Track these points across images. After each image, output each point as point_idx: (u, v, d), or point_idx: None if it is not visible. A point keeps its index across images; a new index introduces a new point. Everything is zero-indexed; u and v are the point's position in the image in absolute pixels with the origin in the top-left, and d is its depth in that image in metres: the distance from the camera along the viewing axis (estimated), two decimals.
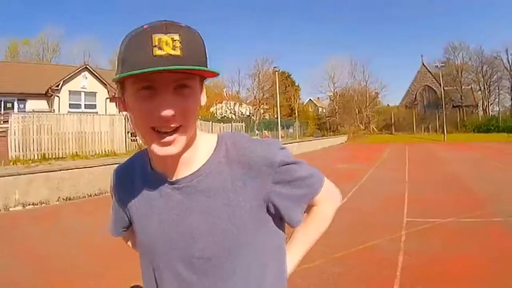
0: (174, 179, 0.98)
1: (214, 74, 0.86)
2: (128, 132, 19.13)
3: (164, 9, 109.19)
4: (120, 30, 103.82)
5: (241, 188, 0.96)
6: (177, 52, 0.80)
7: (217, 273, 0.96)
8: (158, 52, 0.79)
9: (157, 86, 0.83)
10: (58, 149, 15.39)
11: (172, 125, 0.85)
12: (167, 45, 0.80)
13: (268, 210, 1.00)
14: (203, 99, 0.95)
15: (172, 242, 0.98)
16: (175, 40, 0.80)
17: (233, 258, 0.96)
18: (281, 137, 38.43)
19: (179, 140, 0.88)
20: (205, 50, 0.90)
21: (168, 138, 0.86)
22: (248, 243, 0.97)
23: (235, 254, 0.96)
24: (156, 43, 0.79)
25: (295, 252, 1.15)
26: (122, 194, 1.13)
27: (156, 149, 0.88)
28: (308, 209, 1.10)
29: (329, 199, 1.14)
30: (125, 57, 0.83)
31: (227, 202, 0.95)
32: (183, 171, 0.98)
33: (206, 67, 0.86)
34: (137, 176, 1.08)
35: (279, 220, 1.03)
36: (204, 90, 0.96)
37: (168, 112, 0.82)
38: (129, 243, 1.34)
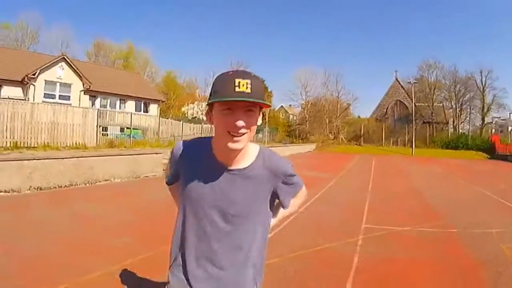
0: (232, 167, 1.62)
1: (267, 106, 1.50)
2: (99, 126, 18.96)
3: (136, 4, 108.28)
4: (100, 21, 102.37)
5: (265, 182, 1.66)
6: (248, 90, 1.41)
7: (237, 223, 1.63)
8: (237, 89, 1.40)
9: (234, 109, 1.44)
10: (31, 138, 15.04)
11: (240, 132, 1.45)
12: (243, 86, 1.40)
13: (272, 196, 1.73)
14: (260, 120, 1.56)
15: (216, 201, 1.62)
16: (247, 83, 1.41)
17: (249, 217, 1.65)
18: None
19: (244, 140, 1.49)
20: (264, 90, 1.52)
21: (237, 138, 1.47)
22: (259, 211, 1.70)
23: (251, 215, 1.66)
24: (237, 84, 1.40)
25: (277, 218, 1.93)
26: (183, 160, 1.74)
27: (229, 144, 1.48)
28: None
29: (301, 196, 1.92)
30: (217, 89, 1.44)
31: (256, 188, 1.64)
32: (238, 164, 1.62)
33: (264, 101, 1.45)
34: (200, 154, 1.69)
35: (273, 203, 1.78)
36: (261, 115, 1.58)
37: (240, 123, 1.43)
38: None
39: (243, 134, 1.47)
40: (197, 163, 1.67)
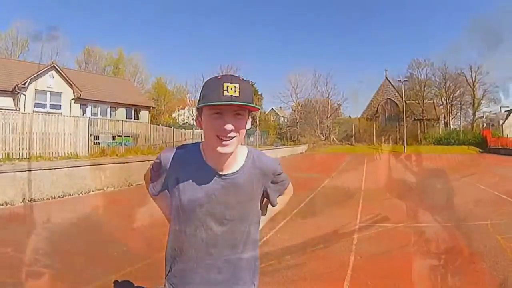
0: (222, 173, 1.62)
1: (256, 109, 1.56)
2: (91, 135, 18.89)
3: (129, 10, 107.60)
4: (89, 29, 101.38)
5: (256, 183, 1.69)
6: (236, 94, 1.43)
7: (232, 225, 1.64)
8: (226, 93, 1.42)
9: (223, 113, 1.47)
10: (23, 149, 14.94)
11: (229, 135, 1.47)
12: (231, 90, 1.42)
13: (262, 194, 1.77)
14: (249, 124, 1.59)
15: (212, 209, 1.61)
16: (235, 87, 1.44)
17: (244, 218, 1.67)
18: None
19: (233, 144, 1.51)
20: (252, 93, 1.54)
21: (226, 142, 1.49)
22: (252, 212, 1.71)
23: (245, 217, 1.68)
24: (225, 88, 1.42)
25: (266, 216, 1.95)
26: (173, 169, 1.68)
27: (219, 148, 1.50)
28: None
29: (288, 193, 1.95)
30: (206, 94, 1.48)
31: (249, 190, 1.66)
32: (228, 169, 1.63)
33: (252, 104, 1.50)
34: (190, 161, 1.66)
35: (261, 201, 1.80)
36: (250, 118, 1.62)
37: (229, 127, 1.46)
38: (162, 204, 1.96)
39: (232, 137, 1.49)
40: (188, 171, 1.64)
